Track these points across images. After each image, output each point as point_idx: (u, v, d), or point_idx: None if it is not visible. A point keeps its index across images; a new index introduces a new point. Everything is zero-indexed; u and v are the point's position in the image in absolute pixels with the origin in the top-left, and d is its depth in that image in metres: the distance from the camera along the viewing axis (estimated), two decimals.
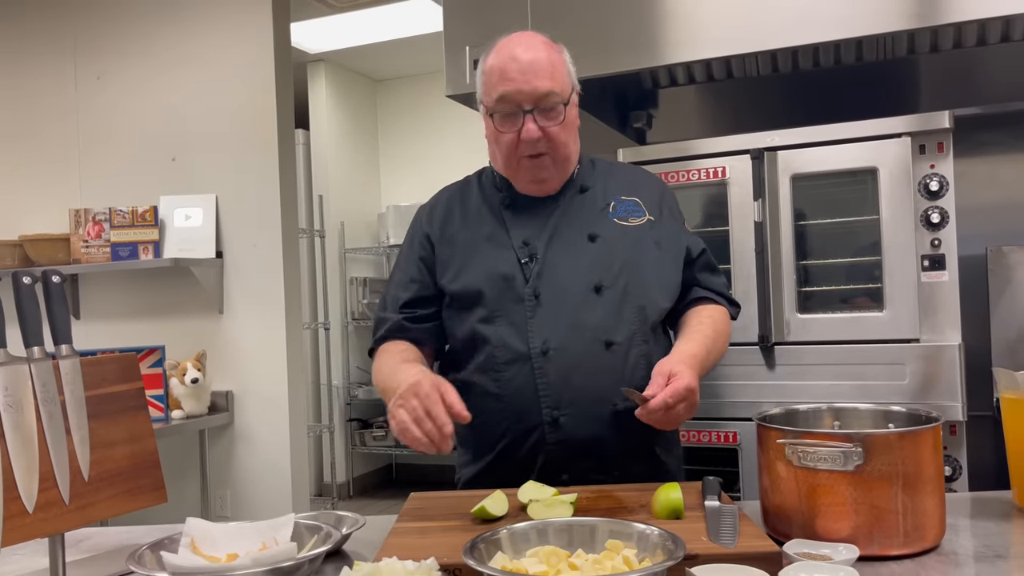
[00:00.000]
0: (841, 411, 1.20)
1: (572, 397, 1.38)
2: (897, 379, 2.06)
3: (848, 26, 2.05)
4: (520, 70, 1.38)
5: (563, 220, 1.47)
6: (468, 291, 1.45)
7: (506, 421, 1.41)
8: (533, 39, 1.44)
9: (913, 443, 0.99)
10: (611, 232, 1.47)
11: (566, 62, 1.47)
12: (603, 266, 1.43)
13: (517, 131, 1.40)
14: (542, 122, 1.40)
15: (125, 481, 1.08)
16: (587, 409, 1.38)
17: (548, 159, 1.44)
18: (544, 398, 1.38)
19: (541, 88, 1.38)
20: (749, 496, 2.16)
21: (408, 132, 5.98)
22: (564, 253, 1.44)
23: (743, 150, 2.20)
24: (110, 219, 3.51)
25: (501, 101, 1.40)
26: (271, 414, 3.54)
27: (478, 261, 1.46)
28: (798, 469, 1.02)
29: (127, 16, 3.75)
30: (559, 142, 1.43)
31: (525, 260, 1.43)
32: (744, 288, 2.19)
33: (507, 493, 1.20)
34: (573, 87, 1.47)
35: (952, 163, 2.06)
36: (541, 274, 1.42)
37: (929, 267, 2.07)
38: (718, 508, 1.09)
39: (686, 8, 2.19)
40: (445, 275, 1.49)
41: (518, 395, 1.40)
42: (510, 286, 1.42)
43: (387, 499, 5.52)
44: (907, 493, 0.99)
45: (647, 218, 1.50)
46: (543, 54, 1.41)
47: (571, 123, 1.47)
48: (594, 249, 1.45)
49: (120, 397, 1.09)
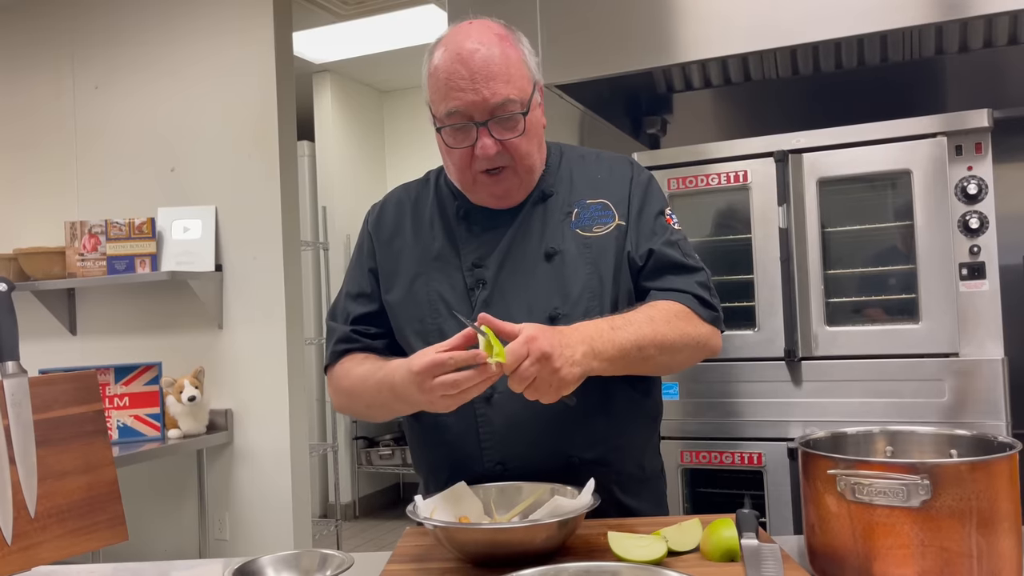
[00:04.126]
0: (896, 435, 1.05)
1: (520, 448, 1.21)
2: (935, 396, 1.92)
3: (871, 20, 1.93)
4: (470, 75, 1.18)
5: (519, 235, 1.28)
6: (409, 317, 1.30)
7: (448, 469, 1.26)
8: (484, 32, 1.22)
9: (988, 474, 0.85)
10: (572, 246, 1.27)
11: (525, 56, 1.25)
12: (560, 291, 1.24)
13: (470, 146, 1.21)
14: (499, 134, 1.20)
15: (79, 517, 0.95)
16: (537, 463, 1.20)
17: (510, 171, 1.24)
18: (487, 449, 1.23)
19: (495, 98, 1.18)
20: (776, 525, 2.02)
21: (415, 144, 5.88)
22: (517, 276, 1.26)
23: (766, 153, 2.08)
24: (106, 232, 3.41)
25: (451, 116, 1.20)
26: (272, 433, 3.41)
27: (421, 284, 1.30)
28: (852, 504, 0.88)
29: (126, 26, 3.67)
30: (521, 153, 1.23)
31: (473, 286, 1.26)
32: (768, 299, 2.06)
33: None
34: (535, 84, 1.25)
35: (991, 165, 1.92)
36: (489, 302, 1.24)
37: (968, 276, 1.93)
38: (757, 548, 0.95)
39: (702, 4, 2.08)
40: (389, 291, 1.34)
41: (459, 443, 1.24)
42: (454, 315, 1.25)
43: (394, 519, 5.38)
44: (981, 533, 0.85)
45: (615, 224, 1.28)
46: (496, 51, 1.20)
47: (534, 129, 1.26)
48: (550, 271, 1.26)
49: (75, 421, 0.96)
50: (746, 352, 2.09)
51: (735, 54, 2.08)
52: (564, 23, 2.21)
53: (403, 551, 1.10)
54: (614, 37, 2.17)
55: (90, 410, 0.98)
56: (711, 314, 1.27)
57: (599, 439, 1.24)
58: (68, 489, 0.95)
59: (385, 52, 5.04)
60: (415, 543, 1.12)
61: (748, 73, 2.35)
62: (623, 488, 1.27)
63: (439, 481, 1.27)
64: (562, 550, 1.03)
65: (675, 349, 1.19)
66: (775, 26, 2.01)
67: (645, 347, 1.15)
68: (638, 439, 1.33)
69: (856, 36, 1.96)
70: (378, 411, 1.29)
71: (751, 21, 2.03)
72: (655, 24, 2.13)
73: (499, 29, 1.25)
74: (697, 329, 1.23)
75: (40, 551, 0.91)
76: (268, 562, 1.00)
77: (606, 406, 1.24)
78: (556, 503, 1.04)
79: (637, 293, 1.29)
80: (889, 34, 2.00)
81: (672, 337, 1.18)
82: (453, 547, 1.01)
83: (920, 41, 2.13)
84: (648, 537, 1.02)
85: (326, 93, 5.51)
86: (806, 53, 2.18)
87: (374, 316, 1.35)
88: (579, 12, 2.20)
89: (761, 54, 2.10)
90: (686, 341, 1.20)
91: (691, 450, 2.14)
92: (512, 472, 1.21)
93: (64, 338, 3.70)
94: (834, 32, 1.96)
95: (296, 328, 3.45)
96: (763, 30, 2.02)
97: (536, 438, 1.18)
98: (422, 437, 1.33)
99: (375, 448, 5.44)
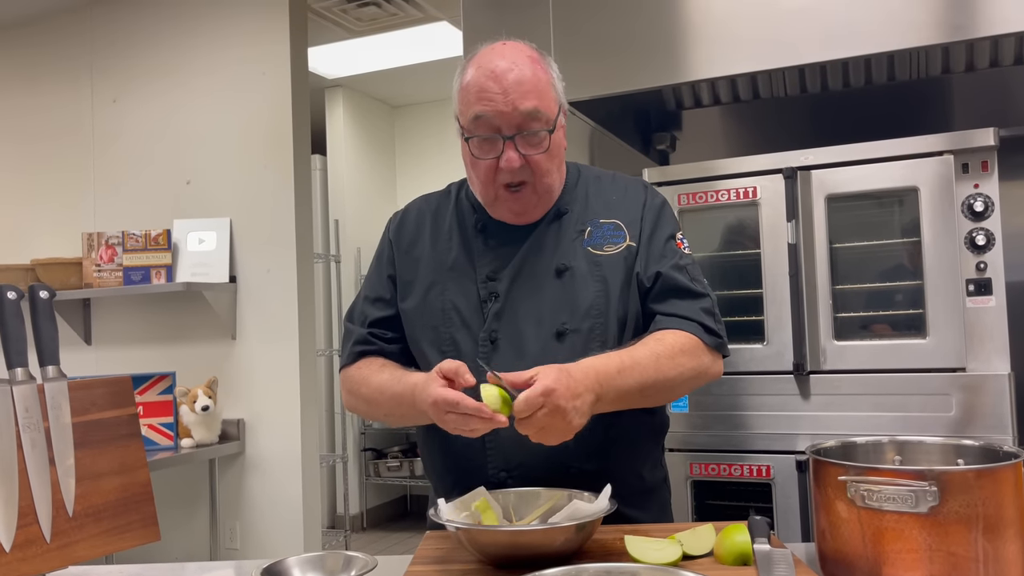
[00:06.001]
0: (904, 445, 1.08)
1: (523, 458, 1.24)
2: (942, 410, 1.94)
3: (879, 41, 1.97)
4: (501, 89, 1.23)
5: (533, 251, 1.32)
6: (423, 326, 1.34)
7: (454, 475, 1.31)
8: (518, 52, 1.28)
9: (993, 481, 0.88)
10: (582, 263, 1.31)
11: (553, 78, 1.31)
12: (568, 307, 1.27)
13: (496, 158, 1.26)
14: (524, 150, 1.25)
15: (113, 517, 0.98)
16: (539, 473, 1.24)
17: (529, 188, 1.29)
18: (491, 459, 1.26)
19: (524, 111, 1.23)
20: (784, 536, 2.04)
21: (425, 158, 5.94)
22: (528, 291, 1.29)
23: (775, 169, 2.11)
24: (123, 243, 3.46)
25: (478, 124, 1.25)
26: (283, 443, 3.45)
27: (436, 293, 1.34)
28: (862, 510, 0.91)
29: (144, 40, 3.73)
30: (542, 170, 1.28)
31: (486, 298, 1.30)
32: (777, 314, 2.09)
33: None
34: (560, 106, 1.31)
35: (997, 183, 1.95)
36: (501, 315, 1.28)
37: (975, 292, 1.96)
38: (769, 553, 0.97)
39: (712, 24, 2.12)
40: (404, 300, 1.38)
41: (466, 452, 1.28)
42: (466, 326, 1.29)
43: (402, 531, 5.39)
44: (987, 538, 0.88)
45: (626, 244, 1.32)
46: (528, 70, 1.25)
47: (556, 149, 1.31)
48: (560, 286, 1.29)
49: (111, 424, 1.00)
50: (755, 366, 2.11)
51: (744, 73, 2.12)
52: (576, 42, 2.26)
53: (424, 553, 1.13)
54: (625, 56, 2.21)
55: (125, 414, 1.02)
56: (715, 340, 1.29)
57: (598, 452, 1.27)
58: (104, 490, 0.99)
59: (397, 68, 5.11)
60: (436, 546, 1.16)
61: (757, 91, 2.38)
62: (624, 501, 1.26)
63: (445, 485, 1.32)
64: (579, 553, 1.06)
65: (675, 386, 1.24)
66: (784, 46, 2.05)
67: (647, 389, 1.20)
68: (640, 452, 1.36)
69: (864, 56, 2.00)
70: (396, 421, 1.33)
71: (760, 41, 2.07)
72: (666, 43, 2.18)
73: (531, 52, 1.30)
74: (700, 360, 1.26)
75: (77, 549, 0.95)
76: (295, 563, 1.03)
77: (609, 421, 1.26)
78: (575, 507, 1.07)
79: (643, 314, 1.33)
80: (896, 54, 2.03)
81: (673, 375, 1.22)
82: (474, 549, 1.04)
83: (927, 61, 2.16)
84: (663, 541, 1.05)
85: (338, 108, 5.58)
86: (814, 72, 2.21)
87: (390, 320, 1.39)
88: (591, 31, 2.25)
89: (770, 73, 2.14)
90: (687, 376, 1.24)
91: (700, 462, 2.16)
92: (515, 481, 1.25)
93: (79, 348, 3.75)
94: (842, 52, 2.00)
95: (308, 339, 3.49)
96: (771, 49, 2.06)
97: (537, 448, 1.19)
98: (432, 443, 1.37)
99: (383, 460, 5.46)
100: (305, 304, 3.48)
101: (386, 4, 4.02)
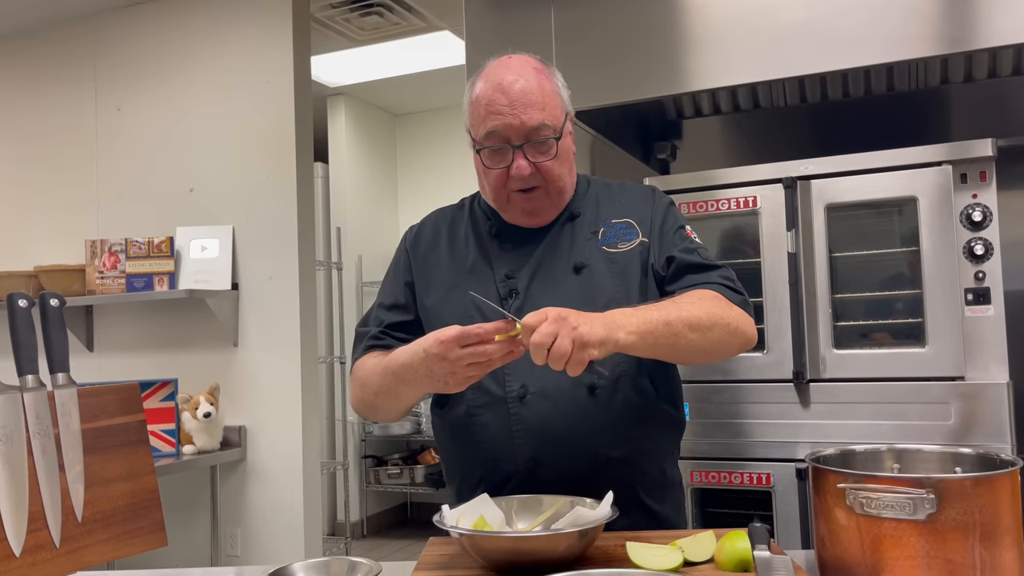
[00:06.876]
0: (903, 453, 1.10)
1: (550, 446, 1.27)
2: (941, 419, 1.95)
3: (878, 53, 1.99)
4: (509, 103, 1.29)
5: (549, 251, 1.37)
6: (445, 322, 1.32)
7: (482, 468, 1.32)
8: (524, 65, 1.34)
9: (990, 489, 0.89)
10: (598, 261, 1.35)
11: (559, 87, 1.37)
12: (588, 301, 1.29)
13: (506, 167, 1.31)
14: (533, 157, 1.31)
15: (122, 522, 0.99)
16: (566, 460, 1.27)
17: (541, 191, 1.34)
18: (519, 446, 1.28)
19: (531, 122, 1.29)
20: (784, 544, 2.05)
21: (427, 167, 5.96)
22: (547, 288, 1.33)
23: (775, 179, 2.13)
24: (126, 250, 3.47)
25: (488, 135, 1.31)
26: (284, 450, 3.45)
27: (457, 295, 1.37)
28: (861, 517, 0.93)
29: (148, 48, 3.76)
30: (553, 175, 1.33)
31: (506, 295, 1.34)
32: (777, 322, 2.10)
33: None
34: (567, 114, 1.37)
35: (995, 193, 1.97)
36: (521, 311, 1.30)
37: (973, 301, 1.98)
38: (769, 559, 0.99)
39: (712, 35, 2.14)
40: (426, 296, 1.41)
41: (493, 441, 1.30)
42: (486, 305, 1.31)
43: (402, 539, 5.38)
44: (984, 546, 0.89)
45: (639, 240, 1.37)
46: (533, 82, 1.31)
47: (565, 154, 1.36)
48: (578, 282, 1.34)
49: (120, 430, 1.01)
50: (755, 374, 2.13)
51: (744, 83, 2.14)
52: (578, 52, 2.28)
53: (428, 559, 1.14)
54: (626, 66, 2.23)
55: (133, 420, 1.03)
56: (739, 297, 1.31)
57: (625, 439, 1.30)
58: (113, 495, 1.00)
59: (399, 76, 5.13)
60: (439, 552, 1.17)
61: (757, 101, 2.40)
62: (646, 490, 1.33)
63: (471, 482, 1.33)
64: (582, 559, 1.07)
65: (705, 327, 1.21)
66: (784, 57, 2.07)
67: (673, 323, 1.18)
68: (662, 445, 1.39)
69: (863, 67, 2.02)
70: (383, 399, 1.32)
71: (759, 52, 2.09)
72: (667, 53, 2.20)
73: (536, 63, 1.35)
74: (726, 312, 1.25)
75: (86, 554, 0.96)
76: (300, 568, 1.04)
77: (634, 408, 1.30)
78: (577, 513, 1.09)
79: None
80: (895, 65, 2.05)
81: (699, 315, 1.21)
82: (478, 555, 1.05)
83: (926, 72, 2.18)
84: (665, 547, 1.06)
85: (340, 116, 5.60)
86: (814, 82, 2.23)
87: (407, 325, 1.41)
88: (592, 42, 2.27)
89: (770, 83, 2.15)
90: (715, 320, 1.22)
91: (701, 470, 2.17)
92: (542, 468, 1.27)
93: (82, 354, 3.76)
94: (842, 63, 2.02)
95: (310, 347, 3.50)
96: (771, 60, 2.08)
97: (565, 435, 1.24)
98: (454, 437, 1.37)
99: (384, 467, 5.46)
100: (307, 311, 3.50)
101: (388, 13, 4.05)
